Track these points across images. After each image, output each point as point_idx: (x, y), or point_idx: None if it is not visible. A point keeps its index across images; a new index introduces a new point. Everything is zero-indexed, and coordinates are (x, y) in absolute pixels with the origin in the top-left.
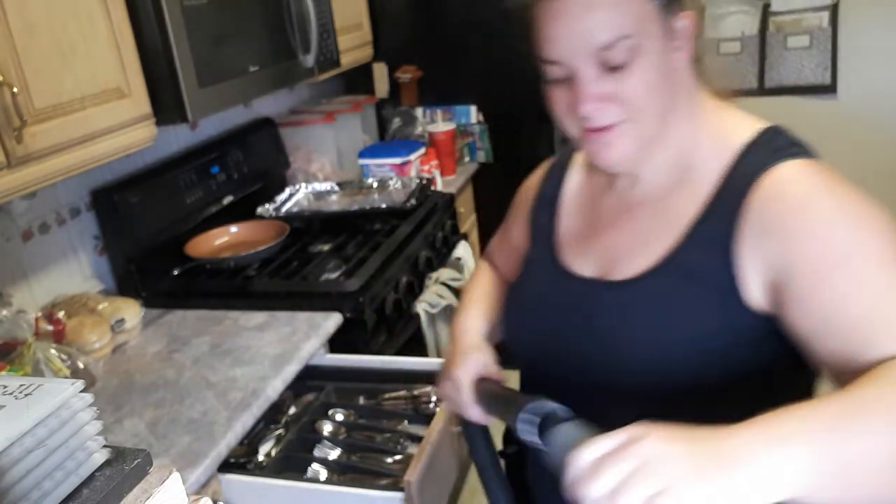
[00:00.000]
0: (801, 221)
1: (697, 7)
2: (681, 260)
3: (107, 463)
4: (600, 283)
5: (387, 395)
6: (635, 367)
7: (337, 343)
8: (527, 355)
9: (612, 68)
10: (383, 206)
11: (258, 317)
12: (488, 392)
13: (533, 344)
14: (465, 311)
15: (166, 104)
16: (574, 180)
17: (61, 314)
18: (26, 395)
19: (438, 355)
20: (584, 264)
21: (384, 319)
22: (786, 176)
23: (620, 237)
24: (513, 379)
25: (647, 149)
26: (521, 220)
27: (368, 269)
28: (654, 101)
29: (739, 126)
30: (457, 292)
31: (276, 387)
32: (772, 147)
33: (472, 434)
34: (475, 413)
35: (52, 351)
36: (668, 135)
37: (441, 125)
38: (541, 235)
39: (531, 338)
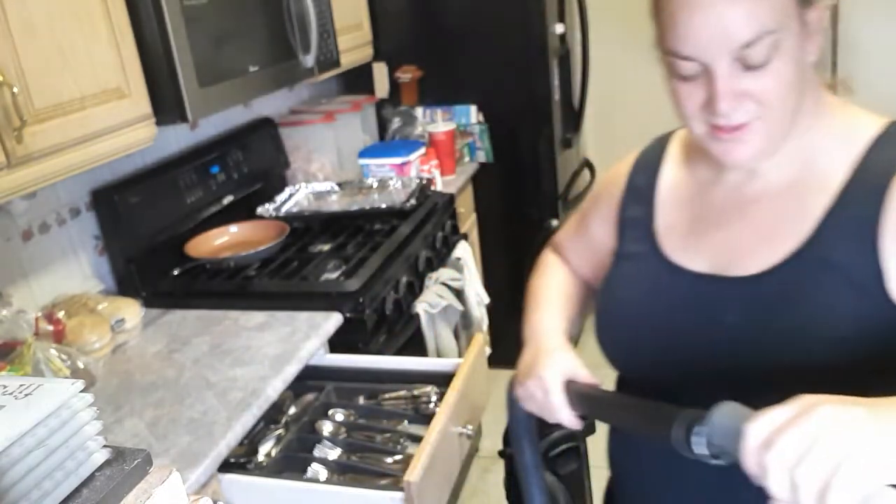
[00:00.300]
0: None
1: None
2: (814, 253)
3: (107, 463)
4: (722, 278)
5: (387, 395)
6: (770, 363)
7: (337, 343)
8: (632, 355)
9: (750, 65)
10: (383, 206)
11: (258, 317)
12: (590, 396)
13: (641, 343)
14: (542, 308)
15: (166, 104)
16: (670, 174)
17: (61, 314)
18: (26, 395)
19: (438, 355)
20: (694, 260)
21: (384, 319)
22: None
23: (738, 233)
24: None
25: (776, 145)
26: (605, 213)
27: (368, 269)
28: (789, 98)
29: (863, 120)
30: (457, 292)
31: (276, 387)
32: None
33: (520, 435)
34: (565, 416)
35: (52, 351)
36: (797, 125)
37: (441, 125)
38: (635, 230)
39: (639, 336)
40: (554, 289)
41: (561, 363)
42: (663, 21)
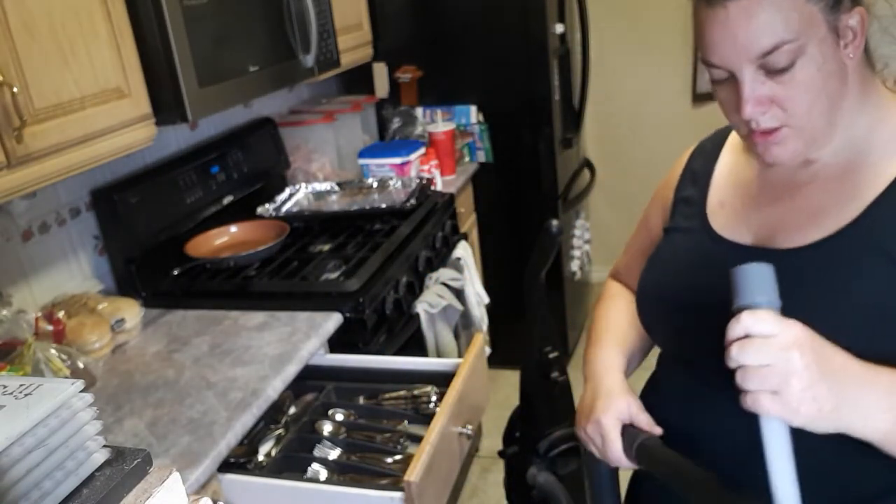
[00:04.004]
0: None
1: (868, 3)
2: (858, 234)
3: (107, 463)
4: (765, 250)
5: (387, 395)
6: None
7: (337, 343)
8: (668, 325)
9: (775, 71)
10: (383, 206)
11: (258, 317)
12: (651, 451)
13: (679, 313)
14: (600, 343)
15: (166, 104)
16: (728, 159)
17: (61, 314)
18: (26, 395)
19: (438, 355)
20: (741, 233)
21: (384, 319)
22: None
23: (786, 210)
24: (511, 379)
25: (819, 142)
26: (662, 203)
27: (368, 269)
28: (818, 101)
29: None
30: (457, 292)
31: (276, 387)
32: None
33: (601, 476)
34: (623, 462)
35: (52, 351)
36: (842, 123)
37: (441, 125)
38: (687, 208)
39: (678, 306)
40: (613, 320)
41: (618, 408)
42: (696, 32)
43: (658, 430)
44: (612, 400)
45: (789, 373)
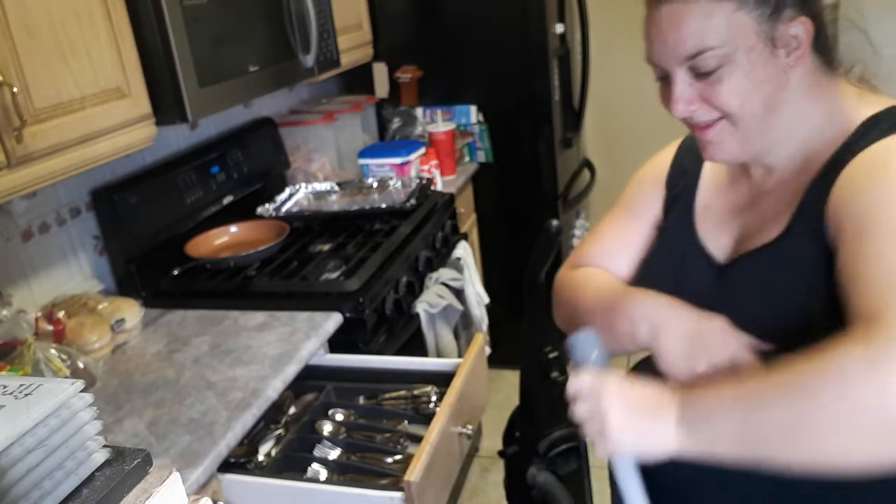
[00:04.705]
0: (878, 208)
1: (813, 9)
2: (785, 240)
3: (107, 463)
4: (720, 262)
5: (387, 395)
6: (760, 336)
7: (337, 343)
8: None
9: (703, 74)
10: (383, 206)
11: (258, 317)
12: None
13: None
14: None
15: (166, 104)
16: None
17: (61, 314)
18: (26, 394)
19: (438, 355)
20: (719, 241)
21: (384, 319)
22: (890, 149)
23: (752, 217)
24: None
25: (755, 145)
26: (652, 192)
27: (368, 269)
28: (747, 104)
29: (867, 106)
30: (457, 292)
31: (276, 387)
32: (894, 119)
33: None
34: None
35: (52, 351)
36: (786, 127)
37: (441, 125)
38: (678, 206)
39: None
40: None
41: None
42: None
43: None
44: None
45: (603, 414)
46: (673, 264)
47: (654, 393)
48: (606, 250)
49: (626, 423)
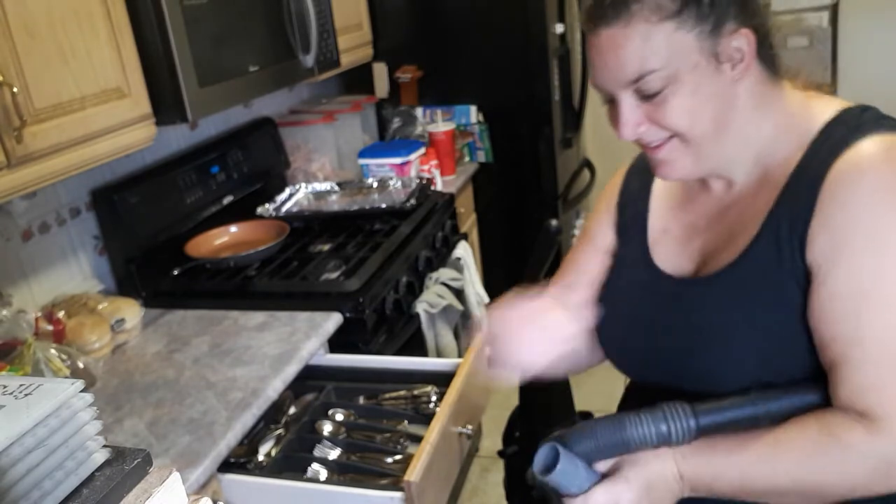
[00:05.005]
0: (864, 228)
1: (755, 20)
2: (758, 250)
3: (107, 463)
4: (689, 280)
5: (387, 395)
6: (735, 356)
7: (337, 343)
8: (625, 356)
9: (649, 96)
10: (383, 206)
11: (258, 317)
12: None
13: (633, 344)
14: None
15: (166, 104)
16: (662, 182)
17: (61, 314)
18: (26, 394)
19: (438, 355)
20: (681, 263)
21: (384, 319)
22: (863, 157)
23: (715, 235)
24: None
25: (708, 161)
26: (606, 219)
27: (368, 269)
28: (697, 121)
29: (822, 110)
30: (457, 292)
31: (276, 387)
32: (855, 123)
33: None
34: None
35: (52, 351)
36: (739, 140)
37: (441, 125)
38: (630, 232)
39: (630, 339)
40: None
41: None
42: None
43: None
44: None
45: None
46: (634, 298)
47: (653, 468)
48: (567, 283)
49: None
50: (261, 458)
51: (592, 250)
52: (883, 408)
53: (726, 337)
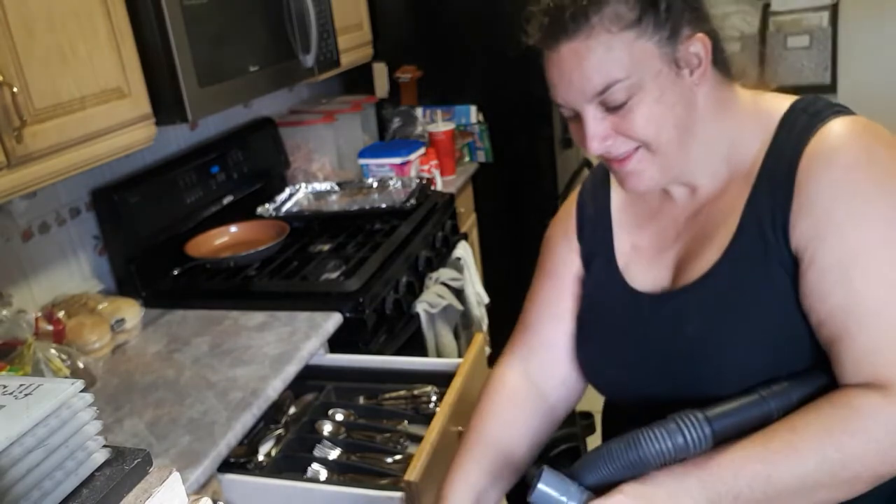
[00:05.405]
0: (844, 203)
1: (707, 25)
2: (741, 244)
3: (107, 463)
4: (672, 292)
5: (387, 395)
6: (737, 357)
7: (337, 343)
8: (606, 380)
9: (614, 107)
10: (383, 206)
11: (258, 317)
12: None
13: (613, 368)
14: (457, 467)
15: (166, 104)
16: (620, 197)
17: (61, 314)
18: (26, 394)
19: (438, 355)
20: (656, 279)
21: (384, 319)
22: (831, 139)
23: (687, 243)
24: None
25: (675, 168)
26: (569, 250)
27: (368, 269)
28: (662, 130)
29: (774, 104)
30: (457, 292)
31: (276, 387)
32: (811, 111)
33: None
34: None
35: (52, 351)
36: (703, 145)
37: (441, 125)
38: (597, 257)
39: (610, 363)
40: (481, 431)
41: None
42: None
43: None
44: None
45: None
46: (610, 322)
47: (668, 489)
48: (529, 323)
49: None
50: (261, 458)
51: (554, 283)
52: (891, 370)
53: (722, 341)
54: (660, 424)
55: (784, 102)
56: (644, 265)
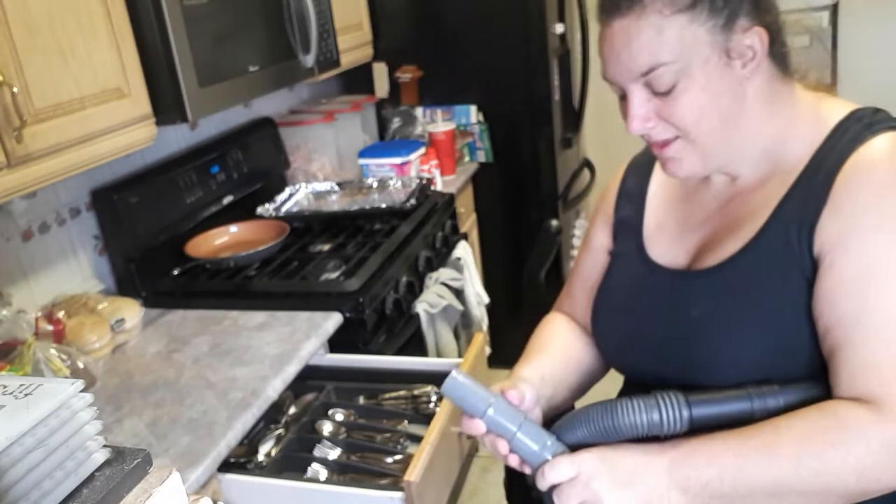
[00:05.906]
0: (873, 216)
1: (768, 18)
2: (765, 241)
3: (107, 463)
4: (691, 272)
5: (387, 395)
6: (733, 348)
7: (337, 343)
8: (618, 350)
9: (659, 92)
10: (383, 206)
11: (258, 317)
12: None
13: (624, 338)
14: (521, 362)
15: (166, 104)
16: (661, 176)
17: (61, 314)
18: (26, 394)
19: (438, 355)
20: (676, 257)
21: (384, 319)
22: (876, 152)
23: (713, 228)
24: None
25: (716, 159)
26: (604, 221)
27: (368, 269)
28: (705, 118)
29: (834, 110)
30: (457, 292)
31: (276, 387)
32: (866, 122)
33: None
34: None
35: (52, 351)
36: (747, 137)
37: (441, 125)
38: (626, 229)
39: (623, 332)
40: (541, 342)
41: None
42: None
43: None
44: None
45: (599, 499)
46: (627, 291)
47: (636, 459)
48: (571, 294)
49: (624, 496)
50: (261, 458)
51: (589, 253)
52: (885, 389)
53: (724, 328)
54: (642, 398)
55: (844, 110)
56: (666, 243)
